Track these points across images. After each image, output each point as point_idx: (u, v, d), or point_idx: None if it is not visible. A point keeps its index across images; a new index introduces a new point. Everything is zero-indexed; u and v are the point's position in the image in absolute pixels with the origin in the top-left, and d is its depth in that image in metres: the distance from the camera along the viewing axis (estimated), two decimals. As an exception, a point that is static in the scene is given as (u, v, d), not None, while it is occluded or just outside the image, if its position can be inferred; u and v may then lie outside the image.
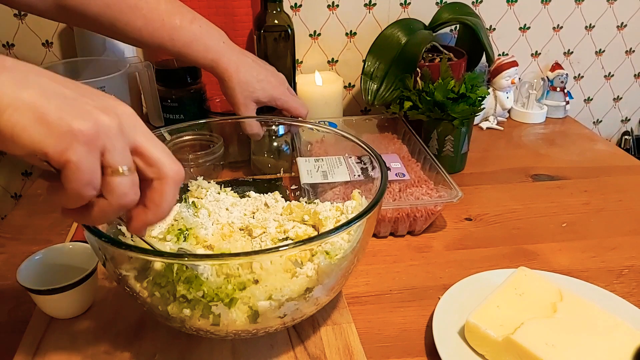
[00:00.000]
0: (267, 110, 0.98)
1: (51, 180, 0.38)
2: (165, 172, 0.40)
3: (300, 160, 0.80)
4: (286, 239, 0.61)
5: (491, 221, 0.81)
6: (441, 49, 1.05)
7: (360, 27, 1.10)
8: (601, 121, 1.33)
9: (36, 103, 0.34)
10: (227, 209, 0.65)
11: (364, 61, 1.03)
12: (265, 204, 0.67)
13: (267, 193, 0.71)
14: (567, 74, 1.17)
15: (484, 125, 1.13)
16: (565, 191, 0.89)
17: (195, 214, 0.63)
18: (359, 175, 0.73)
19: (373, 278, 0.68)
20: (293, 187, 0.75)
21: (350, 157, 0.77)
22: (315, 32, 1.09)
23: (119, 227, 0.61)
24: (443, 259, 0.72)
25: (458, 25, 1.13)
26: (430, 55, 1.04)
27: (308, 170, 0.77)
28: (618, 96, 1.30)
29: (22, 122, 0.34)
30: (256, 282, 0.50)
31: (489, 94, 1.11)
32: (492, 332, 0.53)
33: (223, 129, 0.85)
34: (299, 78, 1.02)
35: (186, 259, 0.47)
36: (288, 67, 0.96)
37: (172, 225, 0.61)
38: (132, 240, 0.60)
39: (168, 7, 0.73)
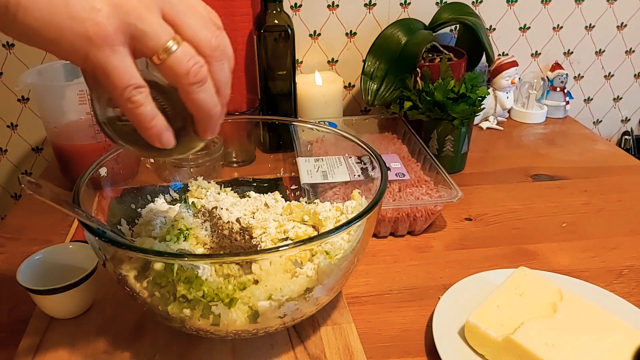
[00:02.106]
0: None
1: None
2: (204, 52, 0.37)
3: (300, 160, 0.80)
4: (286, 239, 0.61)
5: (491, 221, 0.81)
6: (441, 49, 1.05)
7: (360, 27, 1.10)
8: (601, 121, 1.33)
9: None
10: (227, 209, 0.65)
11: (364, 61, 1.03)
12: (265, 204, 0.68)
13: (267, 193, 0.71)
14: (567, 74, 1.17)
15: (484, 125, 1.13)
16: (565, 191, 0.89)
17: (196, 214, 0.63)
18: (359, 175, 0.73)
19: (373, 278, 0.68)
20: (293, 187, 0.75)
21: (350, 157, 0.77)
22: (315, 32, 1.09)
23: (118, 226, 0.61)
24: (443, 259, 0.72)
25: (458, 25, 1.13)
26: (430, 55, 1.04)
27: (308, 170, 0.77)
28: (618, 96, 1.30)
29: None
30: (256, 282, 0.50)
31: (489, 94, 1.11)
32: (492, 332, 0.53)
33: (223, 129, 0.85)
34: (299, 78, 1.02)
35: (186, 259, 0.47)
36: (288, 67, 0.96)
37: (172, 225, 0.61)
38: (132, 240, 0.60)
39: None
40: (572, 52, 1.22)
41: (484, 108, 0.91)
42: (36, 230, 0.78)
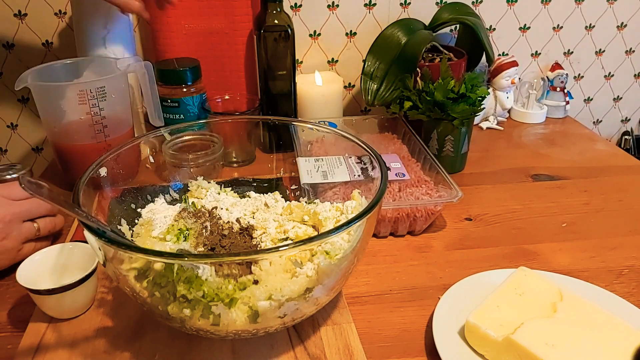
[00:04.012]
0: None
1: None
2: None
3: (300, 160, 0.80)
4: (286, 239, 0.61)
5: (491, 221, 0.81)
6: (441, 49, 1.05)
7: (360, 27, 1.10)
8: (601, 121, 1.33)
9: None
10: (227, 209, 0.65)
11: (364, 61, 1.03)
12: (265, 204, 0.67)
13: (267, 193, 0.71)
14: (567, 74, 1.17)
15: (484, 125, 1.13)
16: (565, 191, 0.89)
17: (196, 214, 0.63)
18: (359, 175, 0.73)
19: (373, 278, 0.68)
20: (293, 187, 0.75)
21: (350, 157, 0.77)
22: (315, 32, 1.09)
23: (118, 226, 0.61)
24: (443, 259, 0.72)
25: (458, 25, 1.13)
26: (430, 55, 1.04)
27: (308, 170, 0.77)
28: (618, 96, 1.30)
29: None
30: (256, 282, 0.50)
31: (489, 94, 1.11)
32: (492, 332, 0.53)
33: (223, 129, 0.85)
34: (299, 78, 1.02)
35: (186, 259, 0.47)
36: (288, 67, 0.96)
37: (172, 225, 0.61)
38: (132, 240, 0.60)
39: None
40: (572, 52, 1.22)
41: (484, 108, 0.91)
42: (36, 230, 0.78)
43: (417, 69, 0.96)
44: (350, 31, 1.10)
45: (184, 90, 0.94)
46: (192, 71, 0.94)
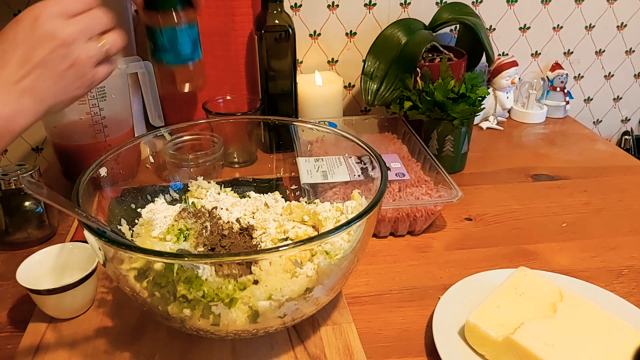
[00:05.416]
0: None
1: None
2: None
3: (300, 160, 0.80)
4: (286, 239, 0.61)
5: (491, 221, 0.81)
6: (441, 49, 1.05)
7: (360, 27, 1.10)
8: (601, 121, 1.33)
9: None
10: (227, 209, 0.65)
11: (364, 61, 1.03)
12: (265, 204, 0.68)
13: (267, 193, 0.71)
14: (567, 74, 1.17)
15: (484, 125, 1.13)
16: (565, 191, 0.89)
17: (196, 214, 0.63)
18: (359, 175, 0.73)
19: (373, 278, 0.68)
20: (293, 187, 0.75)
21: (350, 157, 0.77)
22: (315, 32, 1.09)
23: (118, 226, 0.61)
24: (443, 259, 0.72)
25: (458, 25, 1.13)
26: (430, 55, 1.04)
27: (308, 170, 0.77)
28: (618, 96, 1.30)
29: None
30: (256, 282, 0.50)
31: (489, 94, 1.11)
32: (492, 332, 0.53)
33: (224, 130, 0.85)
34: (299, 78, 1.02)
35: (186, 259, 0.47)
36: (288, 67, 0.96)
37: (172, 225, 0.61)
38: (132, 240, 0.60)
39: None
40: (572, 52, 1.22)
41: (484, 108, 0.91)
42: (36, 230, 0.78)
43: (417, 69, 0.96)
44: (350, 31, 1.10)
45: (174, 17, 0.73)
46: None
